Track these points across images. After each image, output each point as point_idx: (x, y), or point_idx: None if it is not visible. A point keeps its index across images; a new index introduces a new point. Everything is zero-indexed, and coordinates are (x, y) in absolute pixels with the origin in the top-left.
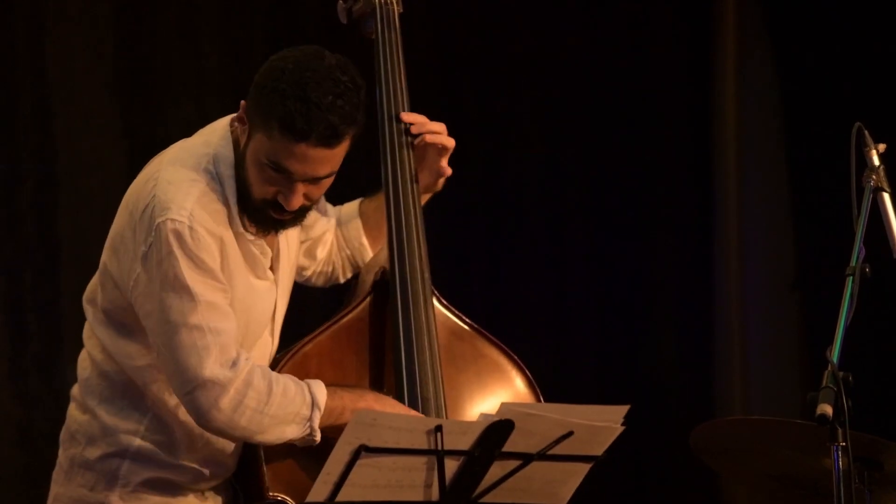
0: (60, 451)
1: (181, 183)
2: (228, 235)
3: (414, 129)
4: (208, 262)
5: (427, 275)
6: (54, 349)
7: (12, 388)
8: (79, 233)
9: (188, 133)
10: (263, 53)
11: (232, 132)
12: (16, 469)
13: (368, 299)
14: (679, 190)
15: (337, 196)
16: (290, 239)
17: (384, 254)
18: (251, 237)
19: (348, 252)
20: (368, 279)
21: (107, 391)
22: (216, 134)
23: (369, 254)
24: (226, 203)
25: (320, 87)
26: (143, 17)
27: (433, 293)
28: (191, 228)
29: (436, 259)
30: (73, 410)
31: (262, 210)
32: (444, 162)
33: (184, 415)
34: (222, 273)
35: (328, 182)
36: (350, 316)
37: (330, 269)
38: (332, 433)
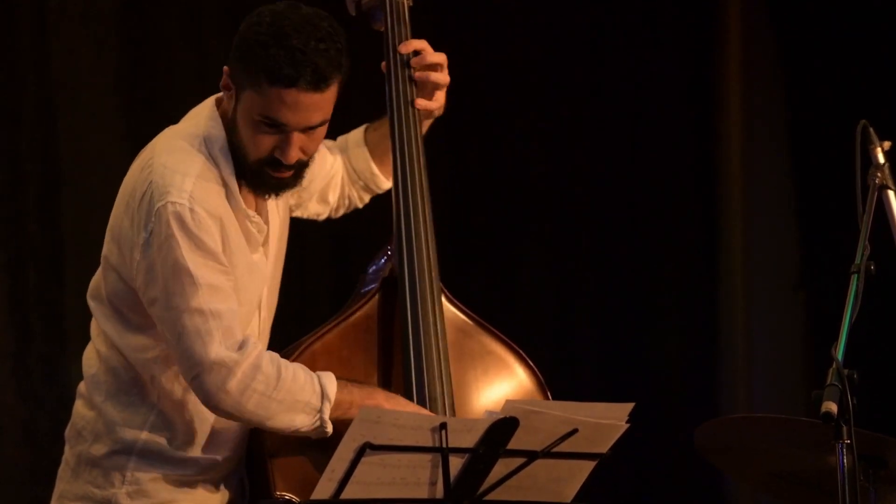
0: (67, 449)
1: (177, 166)
2: (228, 215)
3: (414, 62)
4: (209, 244)
5: (435, 272)
6: (58, 348)
7: (16, 387)
8: (82, 232)
9: None
10: None
11: (219, 109)
12: (20, 468)
13: (377, 296)
14: (683, 188)
15: None
16: (279, 219)
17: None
18: (251, 213)
19: (361, 183)
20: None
21: (113, 387)
22: (202, 115)
23: (382, 180)
24: (223, 183)
25: (301, 34)
26: (146, 16)
27: (442, 290)
28: (191, 210)
29: (440, 256)
30: (79, 407)
31: (260, 172)
32: (440, 95)
33: (190, 408)
34: (223, 254)
35: (322, 132)
36: (358, 313)
37: (346, 202)
38: (340, 427)
